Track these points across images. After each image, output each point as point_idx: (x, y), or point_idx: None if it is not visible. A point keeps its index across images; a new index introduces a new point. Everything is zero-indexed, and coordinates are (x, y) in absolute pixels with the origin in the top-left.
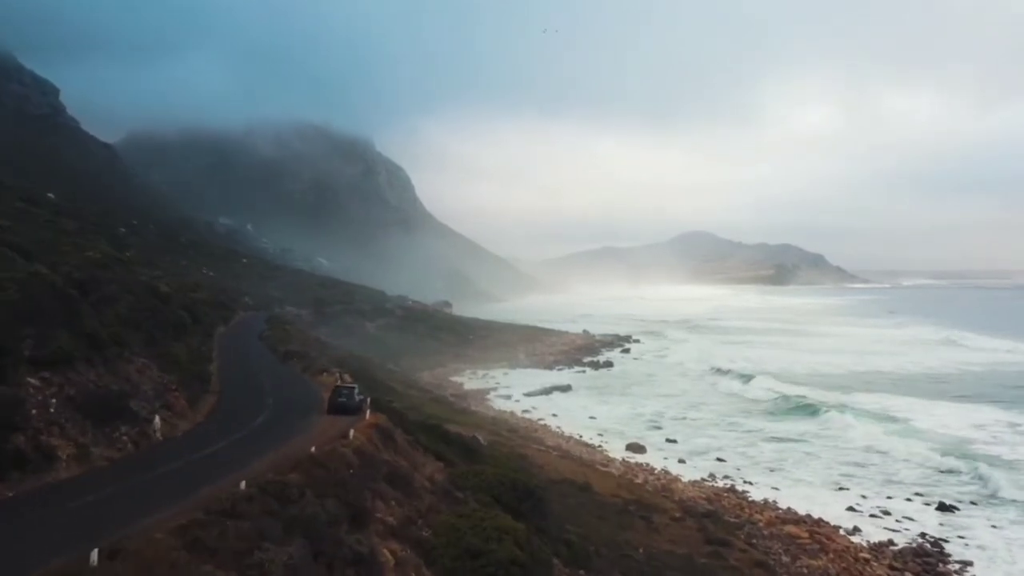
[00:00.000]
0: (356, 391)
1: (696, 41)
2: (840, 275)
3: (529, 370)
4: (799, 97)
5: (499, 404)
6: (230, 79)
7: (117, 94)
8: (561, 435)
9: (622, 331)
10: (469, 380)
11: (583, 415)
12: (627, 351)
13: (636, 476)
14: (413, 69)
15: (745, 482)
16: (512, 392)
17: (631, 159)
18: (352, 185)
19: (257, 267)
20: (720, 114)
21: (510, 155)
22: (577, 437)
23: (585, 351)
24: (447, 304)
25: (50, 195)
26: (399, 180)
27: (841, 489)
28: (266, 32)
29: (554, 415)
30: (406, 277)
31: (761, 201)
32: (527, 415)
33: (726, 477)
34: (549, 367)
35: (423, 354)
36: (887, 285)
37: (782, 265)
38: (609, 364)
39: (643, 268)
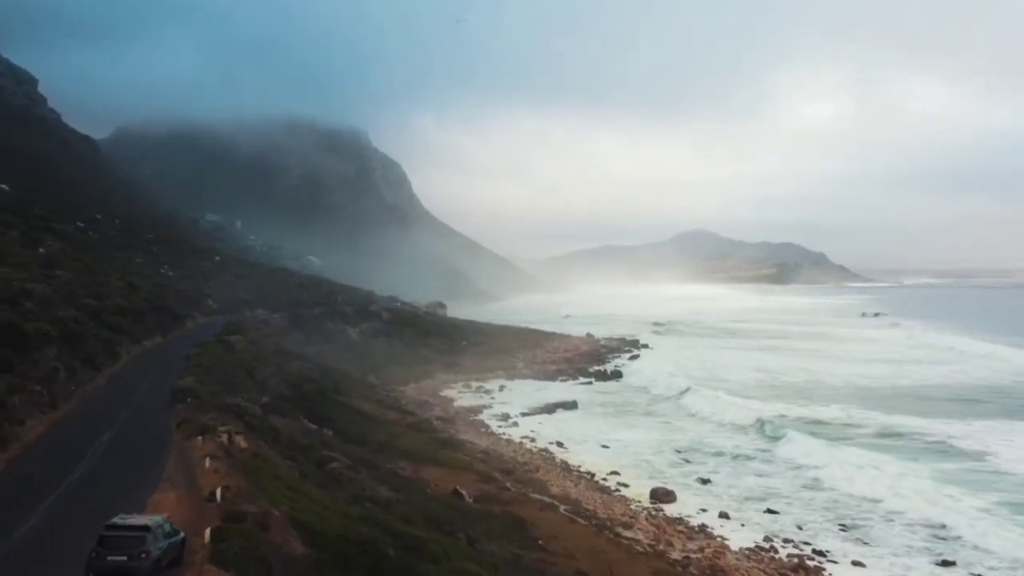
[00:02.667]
0: (160, 531)
1: (699, 32)
2: (842, 274)
3: (529, 381)
4: (802, 91)
5: (494, 426)
6: (221, 71)
7: (103, 87)
8: (569, 474)
9: (625, 333)
10: (461, 395)
11: (593, 443)
12: (636, 358)
13: (671, 545)
14: (410, 63)
15: (816, 552)
16: (510, 410)
17: (631, 155)
18: (346, 181)
19: (230, 265)
20: (723, 108)
21: (510, 151)
22: (588, 477)
23: (590, 358)
24: (441, 305)
25: (2, 186)
26: (395, 176)
27: (946, 564)
28: (259, 24)
29: (559, 443)
30: (401, 276)
31: (763, 198)
32: (527, 443)
33: (788, 542)
34: (552, 377)
35: (410, 363)
36: (888, 284)
37: (784, 264)
38: (618, 375)
39: (644, 267)
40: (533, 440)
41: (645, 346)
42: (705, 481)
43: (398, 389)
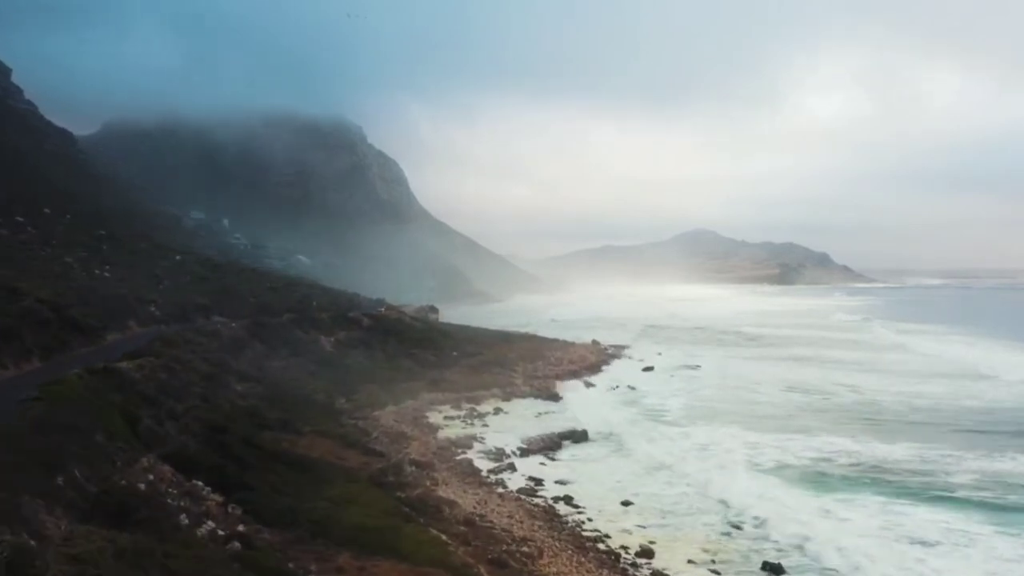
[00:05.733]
0: None
1: (702, 21)
2: (846, 274)
3: (529, 401)
4: (807, 84)
5: (485, 470)
6: (204, 60)
7: (86, 80)
8: (584, 556)
9: (623, 339)
10: (448, 421)
11: (612, 496)
12: (650, 368)
13: None
14: (407, 58)
15: None
16: (506, 442)
17: (631, 151)
18: (340, 178)
19: (191, 265)
20: (725, 100)
21: (510, 149)
22: (611, 560)
23: (598, 371)
24: (432, 309)
25: None
26: (392, 174)
27: None
28: (242, 9)
29: (567, 499)
30: (397, 277)
31: (765, 197)
32: (525, 500)
33: None
34: (555, 398)
35: (391, 379)
36: (894, 285)
37: (787, 264)
38: (631, 388)
39: (645, 267)
40: (534, 493)
41: (659, 354)
42: (776, 570)
43: (372, 414)
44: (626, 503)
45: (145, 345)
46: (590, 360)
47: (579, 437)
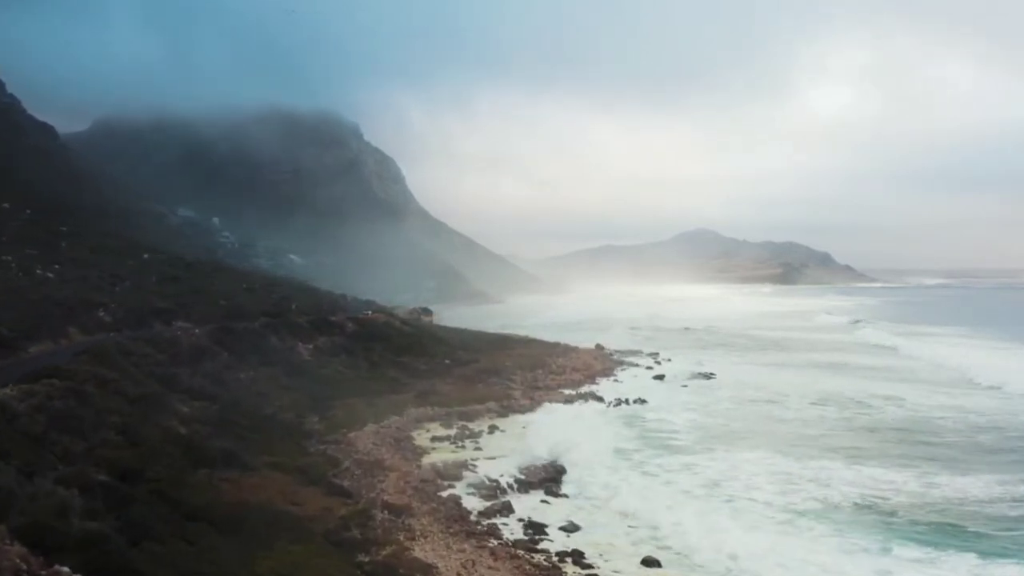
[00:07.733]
0: None
1: (702, 14)
2: (848, 274)
3: (528, 416)
4: (808, 81)
5: (475, 512)
6: (193, 54)
7: (73, 76)
8: None
9: (634, 342)
10: (435, 443)
11: (631, 548)
12: (660, 377)
13: None
14: (404, 53)
15: None
16: (501, 472)
17: (630, 148)
18: (336, 176)
19: (159, 265)
20: (725, 99)
21: (509, 147)
22: None
23: (603, 380)
24: (426, 312)
25: None
26: (389, 172)
27: None
28: (243, 11)
29: (577, 553)
30: (392, 277)
31: (765, 197)
32: (523, 555)
33: None
34: (558, 413)
35: (374, 392)
36: (898, 285)
37: (789, 264)
38: (641, 401)
39: (646, 266)
40: (535, 546)
41: (669, 360)
42: None
43: (347, 436)
44: (650, 563)
45: (68, 361)
46: (595, 367)
47: (586, 464)
